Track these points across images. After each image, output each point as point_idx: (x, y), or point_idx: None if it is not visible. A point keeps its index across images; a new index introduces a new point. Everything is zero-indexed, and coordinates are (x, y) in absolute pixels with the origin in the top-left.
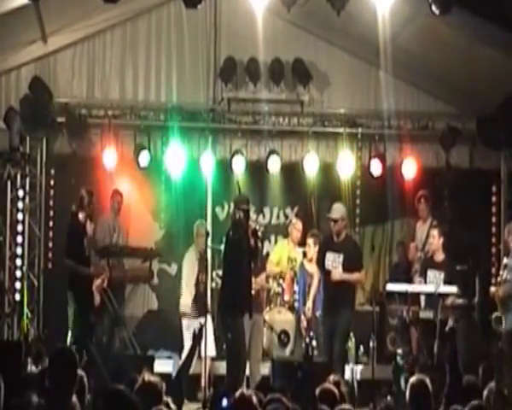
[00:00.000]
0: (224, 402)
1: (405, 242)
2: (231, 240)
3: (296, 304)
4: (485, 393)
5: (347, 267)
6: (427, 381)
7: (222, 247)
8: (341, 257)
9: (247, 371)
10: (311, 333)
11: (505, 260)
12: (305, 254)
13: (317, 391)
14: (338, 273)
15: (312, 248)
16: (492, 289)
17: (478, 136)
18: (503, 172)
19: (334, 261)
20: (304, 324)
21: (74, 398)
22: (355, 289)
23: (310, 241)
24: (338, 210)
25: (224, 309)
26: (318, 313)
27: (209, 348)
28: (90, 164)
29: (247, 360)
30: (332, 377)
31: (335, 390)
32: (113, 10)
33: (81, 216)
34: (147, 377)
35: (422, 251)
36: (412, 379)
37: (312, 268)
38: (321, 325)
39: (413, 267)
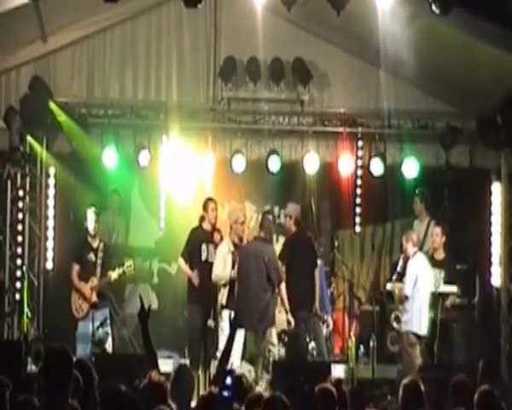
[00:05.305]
0: (229, 380)
1: None
2: None
3: None
4: (475, 397)
5: None
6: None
7: None
8: None
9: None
10: (312, 334)
11: (400, 263)
12: None
13: (316, 391)
14: None
15: None
16: (391, 286)
17: (478, 135)
18: (503, 171)
19: None
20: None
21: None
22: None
23: None
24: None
25: None
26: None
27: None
28: (89, 163)
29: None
30: (332, 377)
31: (333, 390)
32: (113, 10)
33: (205, 225)
34: (153, 376)
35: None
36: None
37: None
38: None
39: None
